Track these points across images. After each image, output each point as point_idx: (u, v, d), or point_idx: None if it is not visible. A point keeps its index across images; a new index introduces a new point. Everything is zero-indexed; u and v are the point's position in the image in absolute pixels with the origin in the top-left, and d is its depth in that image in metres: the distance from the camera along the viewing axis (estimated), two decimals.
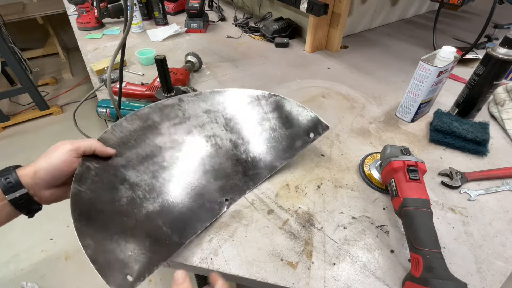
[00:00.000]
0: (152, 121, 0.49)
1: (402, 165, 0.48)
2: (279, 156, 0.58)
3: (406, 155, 0.50)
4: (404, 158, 0.49)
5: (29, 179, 0.40)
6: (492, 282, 0.43)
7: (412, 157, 0.49)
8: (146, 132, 0.48)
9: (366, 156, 0.62)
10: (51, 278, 1.28)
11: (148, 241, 0.39)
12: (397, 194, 0.47)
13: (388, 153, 0.52)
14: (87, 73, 2.05)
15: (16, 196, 0.39)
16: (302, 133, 0.59)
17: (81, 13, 1.20)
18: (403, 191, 0.46)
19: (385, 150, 0.53)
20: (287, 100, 0.60)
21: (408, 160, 0.48)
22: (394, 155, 0.51)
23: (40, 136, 2.02)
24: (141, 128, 0.48)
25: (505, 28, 1.22)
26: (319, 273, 0.44)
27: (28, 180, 0.40)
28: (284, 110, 0.60)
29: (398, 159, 0.49)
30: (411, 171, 0.47)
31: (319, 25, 1.02)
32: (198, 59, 0.92)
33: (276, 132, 0.59)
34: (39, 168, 0.40)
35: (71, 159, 0.42)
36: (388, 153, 0.52)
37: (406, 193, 0.46)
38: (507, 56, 0.59)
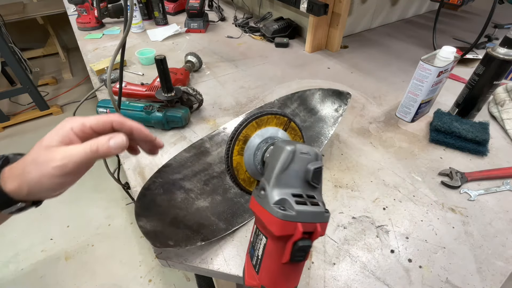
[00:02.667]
0: (204, 147, 0.60)
1: (290, 232, 0.27)
2: (315, 142, 0.62)
3: (312, 187, 0.31)
4: (300, 219, 0.27)
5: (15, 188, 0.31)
6: (492, 282, 0.43)
7: (316, 210, 0.28)
8: (200, 155, 0.59)
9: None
10: (51, 278, 1.28)
11: (196, 225, 0.48)
12: (257, 271, 0.30)
13: (278, 173, 0.30)
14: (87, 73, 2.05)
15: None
16: (330, 111, 0.65)
17: (81, 13, 1.20)
18: (270, 275, 0.29)
19: (276, 156, 0.31)
20: (308, 90, 0.65)
21: (306, 223, 0.27)
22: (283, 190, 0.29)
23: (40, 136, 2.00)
24: (196, 154, 0.58)
25: (505, 28, 1.22)
26: (319, 273, 0.44)
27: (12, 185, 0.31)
28: (308, 100, 0.65)
29: (289, 217, 0.27)
30: (300, 250, 0.27)
31: (319, 25, 1.02)
32: (198, 59, 0.92)
33: (306, 122, 0.64)
34: (28, 184, 0.30)
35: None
36: (277, 178, 0.30)
37: (273, 282, 0.29)
38: (507, 56, 0.59)
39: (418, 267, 0.45)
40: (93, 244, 1.40)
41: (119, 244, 1.41)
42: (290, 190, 0.30)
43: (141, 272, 1.31)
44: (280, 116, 0.39)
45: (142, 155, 0.64)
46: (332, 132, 0.61)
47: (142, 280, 1.28)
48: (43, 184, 0.30)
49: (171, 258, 0.46)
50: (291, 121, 0.41)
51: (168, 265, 0.47)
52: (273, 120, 0.39)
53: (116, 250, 1.38)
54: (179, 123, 0.69)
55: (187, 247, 0.45)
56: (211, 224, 0.49)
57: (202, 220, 0.49)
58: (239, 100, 0.81)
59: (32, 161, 0.30)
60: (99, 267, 1.32)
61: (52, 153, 0.30)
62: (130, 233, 1.45)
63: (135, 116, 0.69)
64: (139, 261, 1.34)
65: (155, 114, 0.68)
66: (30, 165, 0.30)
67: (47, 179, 0.30)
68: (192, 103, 0.74)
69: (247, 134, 0.38)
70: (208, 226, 0.48)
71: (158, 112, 0.68)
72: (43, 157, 0.30)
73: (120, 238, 1.43)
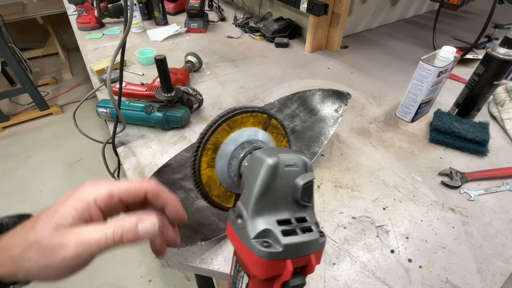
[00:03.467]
0: None
1: (277, 272, 0.22)
2: (315, 142, 0.62)
3: (303, 206, 0.25)
4: (290, 254, 0.21)
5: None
6: (492, 282, 0.43)
7: (308, 238, 0.22)
8: None
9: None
10: None
11: (196, 225, 0.46)
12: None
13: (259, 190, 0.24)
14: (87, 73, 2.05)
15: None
16: (330, 111, 0.64)
17: (81, 13, 1.20)
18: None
19: (254, 172, 0.25)
20: (308, 91, 0.65)
21: (297, 258, 0.22)
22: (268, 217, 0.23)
23: (40, 136, 2.02)
24: None
25: (505, 28, 1.22)
26: (319, 273, 0.44)
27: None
28: (308, 101, 0.65)
29: (275, 255, 0.21)
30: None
31: (319, 25, 1.02)
32: (198, 59, 0.92)
33: (306, 122, 0.64)
34: (25, 272, 0.23)
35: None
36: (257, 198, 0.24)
37: None
38: (507, 56, 0.59)
39: (418, 267, 0.45)
40: None
41: None
42: (275, 215, 0.23)
43: (141, 272, 1.31)
44: (258, 114, 0.31)
45: (142, 154, 0.64)
46: (332, 132, 0.61)
47: (142, 280, 1.28)
48: (45, 275, 0.23)
49: (171, 258, 0.46)
50: (271, 118, 0.33)
51: (168, 265, 0.47)
52: (249, 119, 0.31)
53: (116, 250, 1.38)
54: (179, 123, 0.69)
55: (187, 246, 0.45)
56: (211, 224, 0.49)
57: (202, 220, 0.49)
58: (239, 100, 0.81)
59: (35, 244, 0.23)
60: (99, 267, 1.32)
61: (63, 237, 0.23)
62: None
63: (135, 116, 0.69)
64: (139, 261, 1.34)
65: (155, 114, 0.68)
66: (31, 250, 0.23)
67: (51, 270, 0.23)
68: (192, 103, 0.74)
69: (217, 140, 0.30)
70: (208, 226, 0.49)
71: (158, 112, 0.68)
72: (51, 241, 0.23)
73: None
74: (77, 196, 0.25)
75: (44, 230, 0.23)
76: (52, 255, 0.22)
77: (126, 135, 0.69)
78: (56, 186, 1.67)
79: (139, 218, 0.25)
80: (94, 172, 1.70)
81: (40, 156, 1.86)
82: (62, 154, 1.87)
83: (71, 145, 1.93)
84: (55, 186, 1.66)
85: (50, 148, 1.92)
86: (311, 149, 0.61)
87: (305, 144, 0.61)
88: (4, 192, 1.63)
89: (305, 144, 0.61)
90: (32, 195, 1.62)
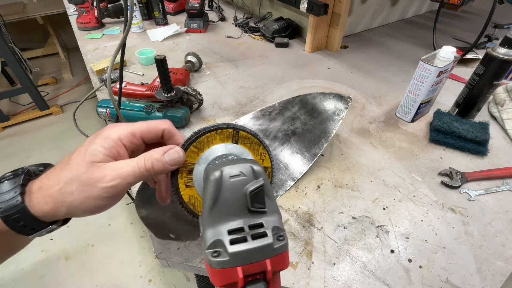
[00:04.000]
0: None
1: (232, 280, 0.22)
2: (315, 143, 0.62)
3: (258, 212, 0.25)
4: (239, 262, 0.22)
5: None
6: (492, 282, 0.43)
7: (259, 244, 0.23)
8: None
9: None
10: (51, 278, 1.28)
11: (196, 221, 0.46)
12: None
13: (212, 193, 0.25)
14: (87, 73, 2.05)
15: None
16: (331, 114, 0.65)
17: (81, 13, 1.20)
18: None
19: (205, 188, 0.27)
20: (309, 94, 0.66)
21: (249, 265, 0.22)
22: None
23: (40, 136, 2.02)
24: None
25: (505, 28, 1.21)
26: (319, 273, 0.44)
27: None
28: (308, 104, 0.66)
29: (223, 264, 0.22)
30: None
31: (319, 25, 1.02)
32: (198, 59, 0.92)
33: (307, 125, 0.64)
34: (68, 206, 0.25)
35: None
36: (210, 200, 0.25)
37: None
38: (507, 56, 0.59)
39: (418, 267, 0.45)
40: (93, 244, 1.40)
41: (119, 244, 1.41)
42: (227, 225, 0.24)
43: (141, 272, 1.31)
44: (222, 130, 0.32)
45: None
46: (332, 135, 0.61)
47: (142, 280, 1.28)
48: (86, 206, 0.25)
49: (171, 258, 0.46)
50: (238, 131, 0.33)
51: (168, 265, 0.47)
52: (216, 137, 0.32)
53: (116, 250, 1.38)
54: (179, 123, 0.69)
55: (188, 241, 0.46)
56: None
57: None
58: (239, 100, 0.81)
59: (74, 179, 0.25)
60: (99, 267, 1.32)
61: (99, 170, 0.25)
62: (130, 233, 1.45)
63: (135, 116, 0.69)
64: (139, 261, 1.34)
65: (155, 114, 0.68)
66: (71, 184, 0.25)
67: (92, 201, 0.25)
68: (192, 103, 0.74)
69: (189, 162, 0.31)
70: None
71: (158, 112, 0.68)
72: (89, 174, 0.25)
73: (120, 238, 1.43)
74: (102, 136, 0.27)
75: (81, 166, 0.25)
76: (91, 187, 0.25)
77: None
78: None
79: (164, 149, 0.27)
80: None
81: (40, 156, 1.86)
82: (62, 154, 1.87)
83: (71, 145, 1.93)
84: None
85: (50, 148, 1.92)
86: (312, 151, 0.61)
87: (306, 146, 0.61)
88: None
89: (305, 146, 0.61)
90: None
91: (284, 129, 0.63)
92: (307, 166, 0.60)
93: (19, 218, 0.25)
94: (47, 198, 0.25)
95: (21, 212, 0.25)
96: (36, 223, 0.25)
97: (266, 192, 0.26)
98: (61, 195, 0.25)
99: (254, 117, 0.63)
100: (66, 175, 0.25)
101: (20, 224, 0.25)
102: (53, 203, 0.25)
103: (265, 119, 0.63)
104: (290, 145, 0.62)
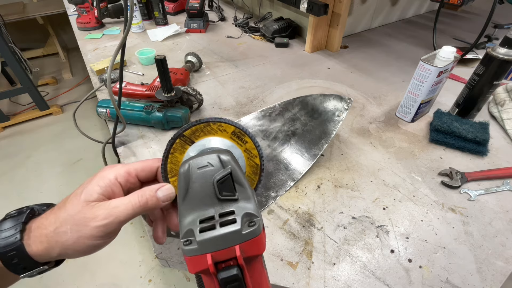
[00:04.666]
0: None
1: (204, 267, 0.23)
2: (315, 144, 0.62)
3: (229, 200, 0.26)
4: (208, 249, 0.23)
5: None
6: (492, 282, 0.43)
7: (226, 231, 0.23)
8: None
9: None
10: (51, 278, 1.28)
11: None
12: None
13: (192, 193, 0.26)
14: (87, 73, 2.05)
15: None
16: (331, 115, 0.64)
17: (81, 13, 1.20)
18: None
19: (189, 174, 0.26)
20: (309, 95, 0.66)
21: (218, 252, 0.23)
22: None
23: (40, 136, 2.02)
24: None
25: (505, 28, 1.21)
26: (319, 273, 0.44)
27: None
28: (309, 105, 0.65)
29: (193, 251, 0.23)
30: (227, 282, 0.23)
31: (319, 25, 1.02)
32: (198, 59, 0.92)
33: (307, 126, 0.64)
34: (61, 246, 0.26)
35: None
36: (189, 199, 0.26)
37: None
38: (507, 56, 0.59)
39: (418, 267, 0.45)
40: None
41: (119, 244, 1.41)
42: (199, 214, 0.25)
43: (141, 272, 1.31)
44: (181, 139, 0.31)
45: (142, 154, 0.64)
46: (332, 135, 0.61)
47: (142, 280, 1.28)
48: (79, 246, 0.25)
49: (171, 258, 0.46)
50: (222, 124, 0.32)
51: (168, 265, 0.47)
52: (184, 147, 0.31)
53: (116, 250, 1.38)
54: (179, 123, 0.69)
55: None
56: None
57: None
58: (239, 100, 0.81)
59: (69, 218, 0.25)
60: (99, 267, 1.32)
61: (93, 209, 0.26)
62: (130, 233, 1.45)
63: (135, 116, 0.69)
64: (139, 261, 1.34)
65: (155, 114, 0.68)
66: (66, 224, 0.25)
67: (85, 241, 0.25)
68: (192, 103, 0.74)
69: (174, 166, 0.31)
70: None
71: (158, 112, 0.68)
72: (82, 214, 0.25)
73: (120, 238, 1.43)
74: (99, 176, 0.28)
75: (75, 206, 0.26)
76: (85, 227, 0.25)
77: (126, 135, 0.69)
78: (56, 186, 1.67)
79: (157, 187, 0.28)
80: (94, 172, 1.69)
81: (40, 156, 1.86)
82: (62, 154, 1.87)
83: (71, 145, 1.93)
84: (55, 186, 1.66)
85: (50, 148, 1.92)
86: (312, 152, 0.61)
87: (306, 146, 0.62)
88: (4, 192, 1.63)
89: (305, 146, 0.62)
90: (32, 195, 1.62)
91: (284, 130, 0.63)
92: (307, 166, 0.60)
93: (14, 255, 0.25)
94: (43, 238, 0.25)
95: (17, 249, 0.25)
96: (29, 262, 0.26)
97: (237, 180, 0.26)
98: (56, 235, 0.25)
99: (255, 118, 0.63)
100: (62, 215, 0.26)
101: (14, 262, 0.25)
102: (47, 243, 0.25)
103: (266, 120, 0.63)
104: (290, 145, 0.62)
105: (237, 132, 0.33)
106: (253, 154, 0.34)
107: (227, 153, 0.27)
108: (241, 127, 0.33)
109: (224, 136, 0.33)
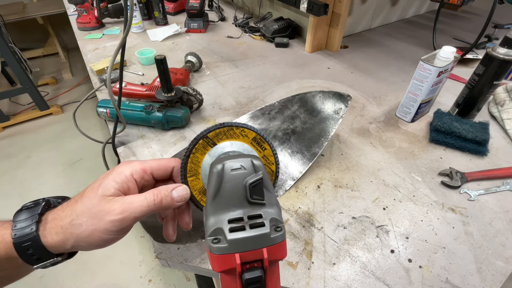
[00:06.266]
0: None
1: (230, 266, 0.24)
2: (315, 142, 0.62)
3: (257, 204, 0.26)
4: (237, 249, 0.23)
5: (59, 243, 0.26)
6: (492, 282, 0.43)
7: (256, 233, 0.24)
8: None
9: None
10: (51, 278, 1.28)
11: (196, 223, 0.47)
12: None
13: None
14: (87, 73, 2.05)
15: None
16: (331, 112, 0.65)
17: (81, 13, 1.20)
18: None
19: (208, 180, 0.28)
20: (309, 92, 0.66)
21: (246, 252, 0.24)
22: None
23: (40, 136, 2.02)
24: None
25: (505, 28, 1.21)
26: (319, 273, 0.44)
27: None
28: (308, 102, 0.65)
29: (222, 250, 0.23)
30: (250, 283, 0.23)
31: (319, 25, 1.02)
32: (198, 59, 0.92)
33: (307, 124, 0.64)
34: (76, 238, 0.26)
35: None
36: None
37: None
38: (507, 56, 0.59)
39: (418, 267, 0.45)
40: None
41: (119, 244, 1.39)
42: (227, 215, 0.25)
43: (141, 272, 1.31)
44: (203, 140, 0.32)
45: (142, 154, 0.64)
46: (332, 133, 0.61)
47: (142, 280, 1.28)
48: (93, 239, 0.26)
49: (171, 258, 0.46)
50: (245, 129, 0.33)
51: (168, 265, 0.47)
52: (225, 134, 0.33)
53: (116, 250, 1.38)
54: (179, 123, 0.69)
55: (187, 244, 0.46)
56: None
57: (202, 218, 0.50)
58: (239, 100, 0.81)
59: (85, 211, 0.26)
60: (99, 267, 1.32)
61: (109, 203, 0.26)
62: (130, 233, 1.44)
63: (135, 116, 0.69)
64: (139, 261, 1.34)
65: (155, 114, 0.68)
66: (82, 216, 0.26)
67: (99, 234, 0.26)
68: (192, 103, 0.74)
69: (196, 162, 0.33)
70: None
71: (158, 112, 0.68)
72: (99, 207, 0.26)
73: None
74: (116, 171, 0.28)
75: (92, 199, 0.26)
76: (100, 220, 0.25)
77: (126, 135, 0.69)
78: (56, 186, 1.66)
79: (172, 186, 0.29)
80: (94, 172, 1.70)
81: (40, 156, 1.86)
82: (62, 154, 1.87)
83: (71, 145, 1.93)
84: (55, 186, 1.66)
85: (50, 148, 1.92)
86: (312, 150, 0.61)
87: (305, 145, 0.61)
88: (4, 192, 1.63)
89: (305, 145, 0.61)
90: (32, 195, 1.62)
91: (283, 128, 0.63)
92: (307, 165, 0.59)
93: (29, 246, 0.25)
94: (58, 229, 0.26)
95: (32, 240, 0.25)
96: (43, 253, 0.26)
97: (266, 186, 0.27)
98: (71, 227, 0.26)
99: (254, 116, 0.63)
100: (79, 208, 0.26)
101: (29, 253, 0.25)
102: (63, 234, 0.26)
103: (265, 118, 0.63)
104: (290, 144, 0.62)
105: (258, 139, 0.34)
106: (270, 161, 0.35)
107: (258, 159, 0.28)
108: (262, 134, 0.34)
109: (245, 141, 0.34)
